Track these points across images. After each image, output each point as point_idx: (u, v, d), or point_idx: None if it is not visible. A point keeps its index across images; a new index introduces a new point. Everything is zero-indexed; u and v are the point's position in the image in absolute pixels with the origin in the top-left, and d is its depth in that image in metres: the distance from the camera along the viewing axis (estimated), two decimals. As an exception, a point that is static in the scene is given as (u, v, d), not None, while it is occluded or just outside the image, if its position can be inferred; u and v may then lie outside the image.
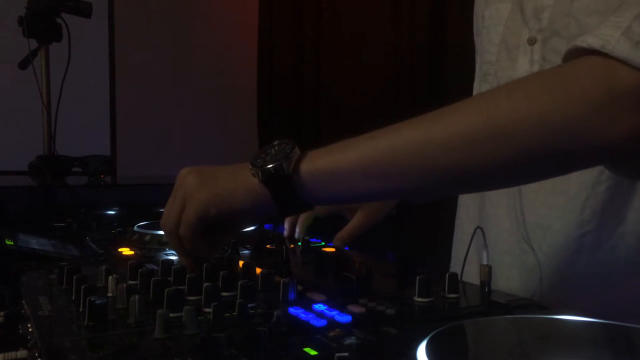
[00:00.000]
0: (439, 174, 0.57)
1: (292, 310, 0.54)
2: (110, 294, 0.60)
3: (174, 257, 0.81)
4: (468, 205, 0.93)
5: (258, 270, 0.67)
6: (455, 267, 0.95)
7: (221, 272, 0.62)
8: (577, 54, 0.55)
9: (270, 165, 0.61)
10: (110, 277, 0.61)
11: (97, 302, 0.51)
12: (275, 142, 0.64)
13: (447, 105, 0.58)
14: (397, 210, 1.03)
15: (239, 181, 0.64)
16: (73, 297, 0.59)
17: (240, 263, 0.72)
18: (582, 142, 0.53)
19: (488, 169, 0.56)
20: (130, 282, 0.64)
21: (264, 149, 0.64)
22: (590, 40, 0.53)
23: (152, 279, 0.60)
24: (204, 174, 0.66)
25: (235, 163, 0.67)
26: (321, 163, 0.61)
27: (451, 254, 0.99)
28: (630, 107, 0.51)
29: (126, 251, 0.89)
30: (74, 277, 0.60)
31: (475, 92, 0.94)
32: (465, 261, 0.79)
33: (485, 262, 0.65)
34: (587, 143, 0.53)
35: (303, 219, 0.99)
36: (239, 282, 0.57)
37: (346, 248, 0.97)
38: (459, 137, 0.55)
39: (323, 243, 0.98)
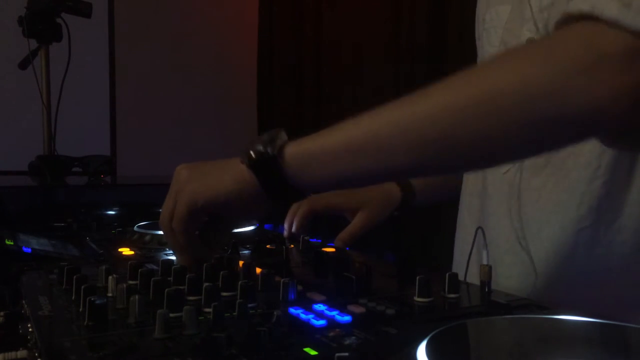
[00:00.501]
0: (426, 148, 0.56)
1: (292, 310, 0.54)
2: (110, 294, 0.60)
3: (174, 257, 0.81)
4: (470, 205, 0.93)
5: (258, 270, 0.67)
6: (457, 266, 0.95)
7: (221, 272, 0.62)
8: (568, 22, 0.56)
9: (257, 148, 0.61)
10: (110, 277, 0.61)
11: (97, 302, 0.51)
12: (266, 132, 0.64)
13: (433, 83, 0.58)
14: (398, 211, 1.04)
15: (227, 170, 0.65)
16: (73, 297, 0.59)
17: (240, 263, 0.72)
18: (569, 107, 0.53)
19: (475, 140, 0.55)
20: (130, 282, 0.64)
21: (254, 138, 0.64)
22: (580, 5, 0.53)
23: (152, 279, 0.60)
24: (196, 168, 0.67)
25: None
26: (307, 145, 0.61)
27: (453, 253, 0.99)
28: (618, 69, 0.51)
29: (126, 251, 0.89)
30: (74, 277, 0.60)
31: None
32: (469, 262, 0.79)
33: (485, 262, 0.65)
34: (575, 107, 0.53)
35: (300, 213, 1.00)
36: (239, 282, 0.57)
37: (347, 249, 0.97)
38: (444, 108, 0.55)
39: (323, 243, 0.98)
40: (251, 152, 0.62)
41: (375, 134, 0.58)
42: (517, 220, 0.80)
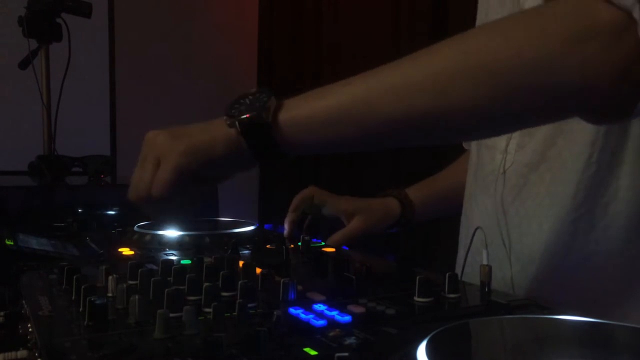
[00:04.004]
0: (415, 117, 0.56)
1: (292, 310, 0.54)
2: (110, 294, 0.60)
3: (174, 257, 0.81)
4: (465, 208, 0.94)
5: (258, 270, 0.67)
6: (458, 268, 0.96)
7: (221, 272, 0.62)
8: None
9: (247, 115, 0.60)
10: (110, 277, 0.61)
11: (97, 302, 0.51)
12: (251, 91, 0.63)
13: (425, 48, 0.58)
14: (397, 228, 1.04)
15: (217, 133, 0.62)
16: (73, 297, 0.59)
17: (240, 263, 0.72)
18: (558, 79, 0.53)
19: (465, 111, 0.55)
20: (130, 282, 0.64)
21: (238, 99, 0.63)
22: None
23: (152, 279, 0.60)
24: (175, 132, 0.64)
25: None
26: (298, 111, 0.60)
27: (450, 253, 0.99)
28: (607, 44, 0.51)
29: (126, 251, 0.89)
30: (74, 277, 0.60)
31: None
32: (465, 261, 0.79)
33: (485, 262, 0.65)
34: (563, 80, 0.53)
35: (302, 193, 1.00)
36: (239, 282, 0.57)
37: (345, 248, 0.97)
38: (435, 78, 0.55)
39: (323, 243, 0.98)
40: (242, 119, 0.60)
41: (365, 103, 0.57)
42: (503, 223, 0.81)
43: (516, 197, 0.80)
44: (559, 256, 0.76)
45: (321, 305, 0.55)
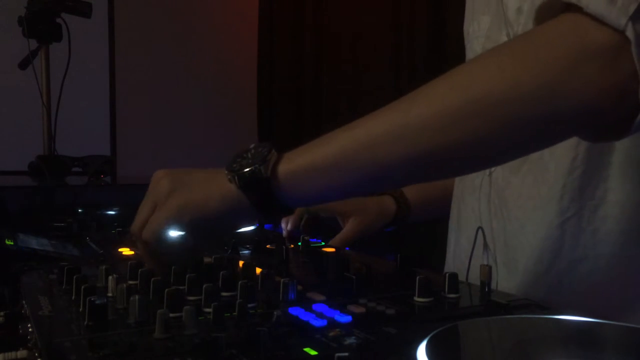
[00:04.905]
0: (420, 158, 0.56)
1: (292, 310, 0.54)
2: (110, 294, 0.60)
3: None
4: (452, 210, 0.94)
5: (258, 270, 0.67)
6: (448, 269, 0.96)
7: (221, 272, 0.62)
8: (548, 10, 0.55)
9: (247, 169, 0.59)
10: (110, 277, 0.61)
11: (97, 302, 0.51)
12: (252, 146, 0.62)
13: (423, 86, 0.57)
14: (394, 226, 1.04)
15: (214, 187, 0.62)
16: (73, 297, 0.59)
17: (240, 263, 0.72)
18: (558, 106, 0.53)
19: (468, 147, 0.55)
20: (130, 282, 0.64)
21: (239, 153, 0.62)
22: None
23: (152, 279, 0.60)
24: (178, 179, 0.64)
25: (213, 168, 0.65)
26: (299, 162, 0.59)
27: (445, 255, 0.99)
28: (604, 67, 0.51)
29: (126, 251, 0.89)
30: (74, 277, 0.60)
31: None
32: (470, 262, 0.79)
33: (485, 262, 0.65)
34: (562, 107, 0.53)
35: (295, 212, 1.00)
36: (239, 282, 0.57)
37: (346, 248, 0.97)
38: (435, 116, 0.54)
39: (323, 243, 0.98)
40: (242, 173, 0.59)
41: (368, 148, 0.56)
42: (488, 225, 0.80)
43: (501, 200, 0.80)
44: (546, 260, 0.75)
45: (321, 305, 0.55)
